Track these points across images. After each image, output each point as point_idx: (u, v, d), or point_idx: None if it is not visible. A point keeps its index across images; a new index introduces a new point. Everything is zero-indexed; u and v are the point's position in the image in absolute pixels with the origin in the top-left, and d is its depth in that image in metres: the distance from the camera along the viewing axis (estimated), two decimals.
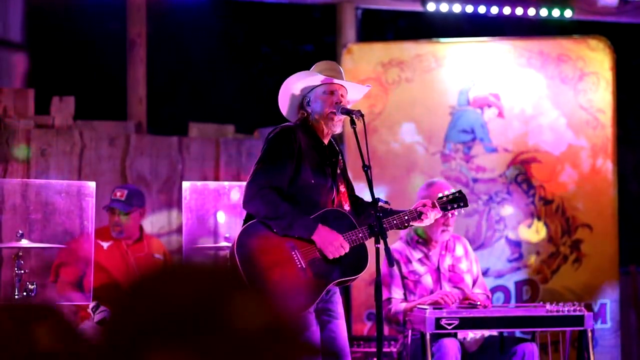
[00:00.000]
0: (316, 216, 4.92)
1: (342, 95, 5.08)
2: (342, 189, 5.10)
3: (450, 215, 5.51)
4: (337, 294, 5.10)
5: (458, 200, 5.33)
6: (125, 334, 1.35)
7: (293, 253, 4.86)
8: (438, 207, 5.20)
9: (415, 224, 5.22)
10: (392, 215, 5.08)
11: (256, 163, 4.94)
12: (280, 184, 4.87)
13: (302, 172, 4.92)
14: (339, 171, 5.11)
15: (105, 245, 7.17)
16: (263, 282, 4.72)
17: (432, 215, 5.18)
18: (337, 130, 5.09)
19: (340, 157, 5.16)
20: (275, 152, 4.90)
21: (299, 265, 4.85)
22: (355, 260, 4.95)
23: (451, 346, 5.70)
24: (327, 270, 4.89)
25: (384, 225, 4.95)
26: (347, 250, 4.89)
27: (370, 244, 4.94)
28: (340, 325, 5.04)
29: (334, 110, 5.00)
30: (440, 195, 5.36)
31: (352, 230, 4.97)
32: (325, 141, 5.10)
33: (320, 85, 5.08)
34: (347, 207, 5.09)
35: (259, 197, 4.81)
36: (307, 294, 4.83)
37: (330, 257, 4.86)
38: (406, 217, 5.10)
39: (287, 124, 5.10)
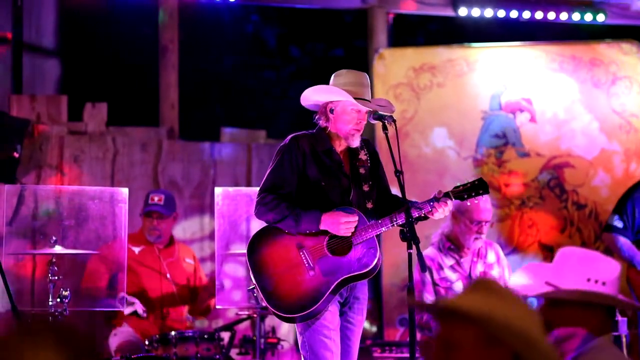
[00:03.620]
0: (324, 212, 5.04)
1: (365, 113, 5.10)
2: (366, 188, 5.12)
3: (468, 203, 5.27)
4: (361, 301, 5.14)
5: (476, 188, 5.07)
6: None
7: (301, 253, 5.02)
8: (452, 197, 5.05)
9: (431, 216, 5.07)
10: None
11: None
12: (284, 190, 5.07)
13: (310, 176, 5.08)
14: (363, 172, 5.12)
15: (137, 250, 7.18)
16: (274, 285, 4.97)
17: (442, 211, 5.03)
18: (354, 144, 5.12)
19: (367, 158, 5.17)
20: (279, 162, 5.14)
21: (307, 265, 5.00)
22: (362, 257, 5.00)
23: None
24: (335, 268, 4.99)
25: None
26: (355, 220, 4.95)
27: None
28: (356, 334, 5.15)
29: (358, 129, 5.09)
30: (457, 184, 5.15)
31: (361, 226, 5.00)
32: (338, 148, 5.14)
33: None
34: (369, 206, 5.11)
35: (262, 204, 5.05)
36: (314, 292, 4.94)
37: (347, 234, 4.95)
38: (422, 214, 5.02)
39: (295, 133, 5.24)
